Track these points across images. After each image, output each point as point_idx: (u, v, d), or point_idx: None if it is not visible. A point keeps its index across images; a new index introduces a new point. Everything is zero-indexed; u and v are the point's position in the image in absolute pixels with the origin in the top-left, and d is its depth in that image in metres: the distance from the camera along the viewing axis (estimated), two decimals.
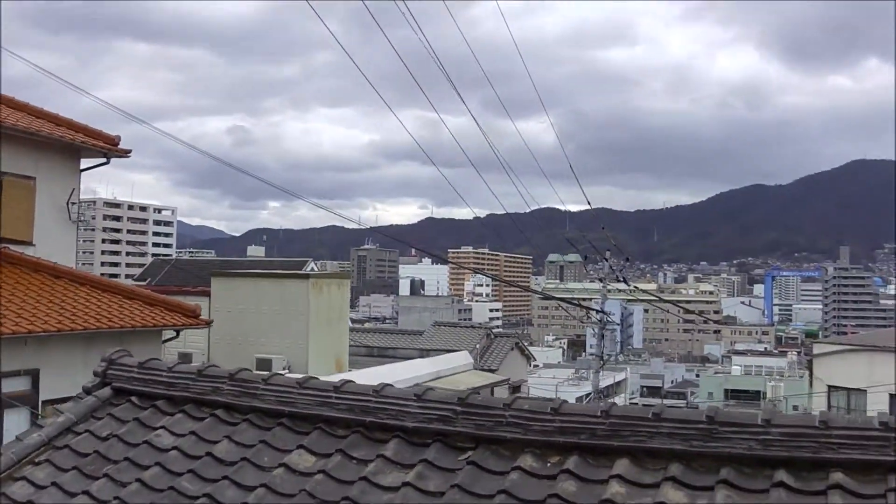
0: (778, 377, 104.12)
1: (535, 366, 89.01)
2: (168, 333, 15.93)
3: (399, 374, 24.04)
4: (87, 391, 6.04)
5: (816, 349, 32.65)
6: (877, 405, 27.23)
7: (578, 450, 4.76)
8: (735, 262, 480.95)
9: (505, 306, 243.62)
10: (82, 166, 18.06)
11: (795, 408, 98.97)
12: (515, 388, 37.73)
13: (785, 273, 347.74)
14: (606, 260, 37.35)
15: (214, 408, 5.67)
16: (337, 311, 22.51)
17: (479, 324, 42.51)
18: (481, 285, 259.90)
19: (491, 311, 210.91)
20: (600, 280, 38.43)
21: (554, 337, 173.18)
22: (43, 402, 13.35)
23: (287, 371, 20.60)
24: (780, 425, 4.62)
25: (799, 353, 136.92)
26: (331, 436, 5.27)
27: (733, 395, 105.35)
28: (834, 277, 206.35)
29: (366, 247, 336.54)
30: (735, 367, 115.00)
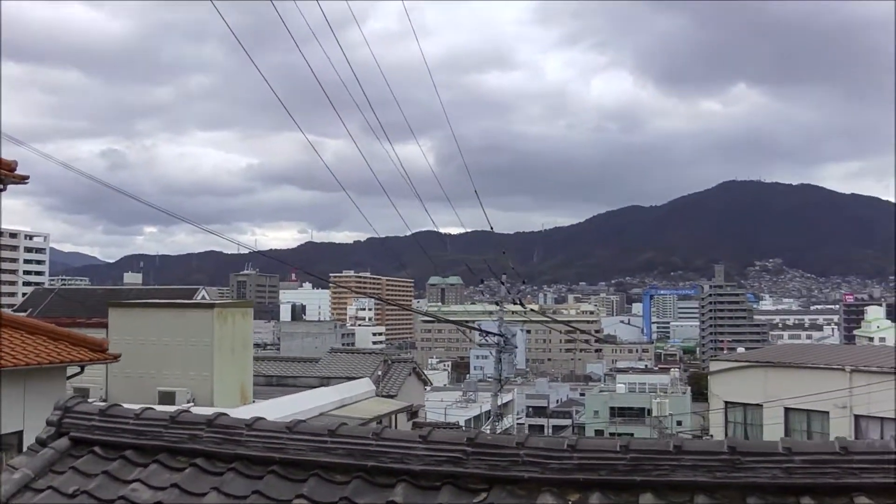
0: (662, 394, 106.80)
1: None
2: (73, 369, 14.93)
3: (305, 403, 23.51)
4: (42, 443, 5.43)
5: (713, 366, 33.56)
6: (772, 419, 28.14)
7: (599, 486, 4.60)
8: (613, 281, 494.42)
9: (388, 330, 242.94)
10: None
11: (679, 423, 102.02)
12: (413, 414, 37.45)
13: (662, 292, 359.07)
14: (503, 283, 37.47)
15: (193, 457, 5.16)
16: (241, 340, 21.75)
17: (379, 350, 42.03)
18: (364, 309, 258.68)
19: (374, 335, 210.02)
20: (496, 304, 38.53)
21: (438, 360, 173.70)
22: None
23: (192, 404, 19.74)
24: (802, 453, 4.64)
25: (680, 369, 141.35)
26: (329, 482, 4.88)
27: (619, 412, 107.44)
28: (710, 295, 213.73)
29: (245, 272, 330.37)
30: (620, 385, 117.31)
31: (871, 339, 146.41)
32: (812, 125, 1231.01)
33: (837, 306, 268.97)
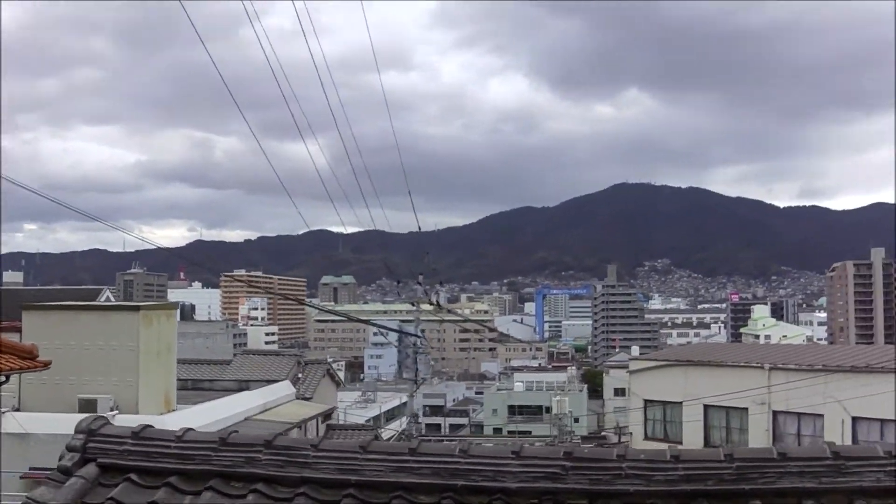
0: (560, 392, 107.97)
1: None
2: None
3: (230, 409, 22.68)
4: (66, 471, 4.77)
5: (632, 365, 33.97)
6: (692, 416, 28.63)
7: (706, 497, 4.48)
8: (506, 281, 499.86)
9: (281, 330, 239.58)
10: None
11: (577, 420, 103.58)
12: (327, 416, 36.73)
13: (555, 291, 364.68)
14: (420, 284, 37.25)
15: (251, 482, 4.62)
16: (165, 344, 20.69)
17: (294, 352, 40.94)
18: (256, 309, 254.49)
19: (267, 334, 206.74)
20: (412, 304, 38.26)
21: (332, 359, 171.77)
22: None
23: (115, 412, 18.69)
24: None
25: (574, 367, 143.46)
26: None
27: (518, 410, 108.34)
28: (602, 294, 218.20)
29: (132, 271, 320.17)
30: (517, 384, 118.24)
31: (756, 336, 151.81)
32: (700, 130, 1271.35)
33: (724, 305, 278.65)
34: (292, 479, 4.61)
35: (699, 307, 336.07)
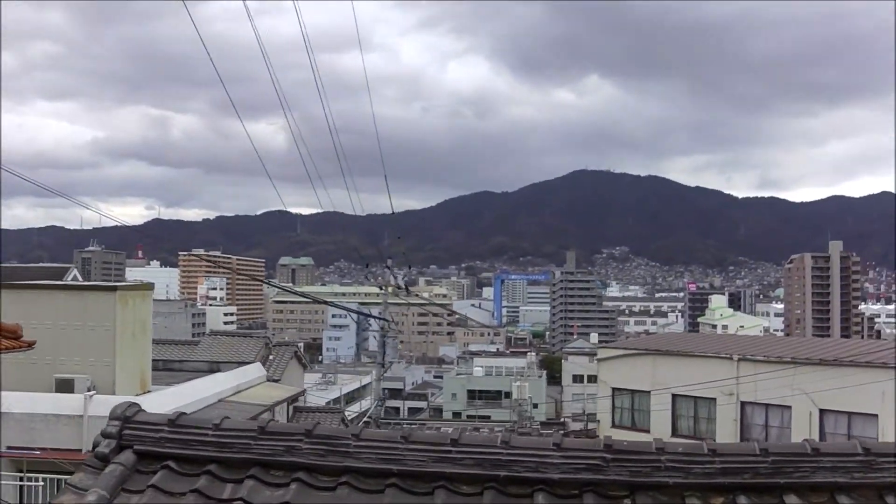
0: (519, 377, 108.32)
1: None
2: None
3: (204, 390, 22.48)
4: (104, 458, 4.74)
5: (601, 353, 34.19)
6: (660, 405, 28.96)
7: (742, 490, 4.58)
8: (464, 265, 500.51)
9: (239, 310, 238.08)
10: None
11: (536, 406, 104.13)
12: (294, 399, 36.59)
13: (513, 277, 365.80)
14: (388, 267, 37.26)
15: (292, 471, 4.64)
16: (141, 324, 20.50)
17: (263, 334, 40.55)
18: (215, 289, 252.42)
19: (225, 314, 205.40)
20: (380, 288, 38.28)
21: (300, 342, 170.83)
22: None
23: (93, 392, 18.49)
24: None
25: (532, 353, 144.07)
26: (457, 494, 4.50)
27: (478, 395, 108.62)
28: (561, 281, 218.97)
29: (90, 249, 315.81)
30: (477, 369, 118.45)
31: (714, 326, 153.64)
32: (661, 118, 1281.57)
33: (681, 294, 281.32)
34: (334, 469, 4.63)
35: (657, 296, 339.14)
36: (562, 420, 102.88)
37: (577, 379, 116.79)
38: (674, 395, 28.43)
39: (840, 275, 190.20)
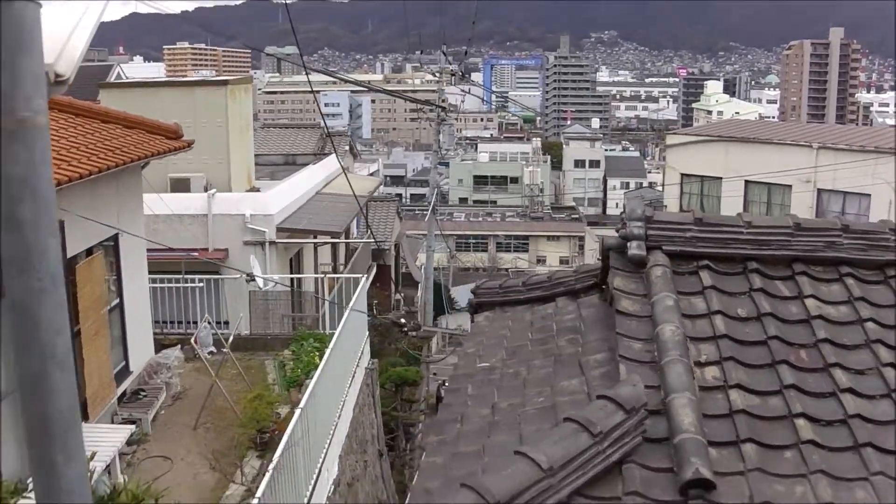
0: (524, 163, 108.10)
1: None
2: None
3: (304, 184, 22.20)
4: (640, 261, 4.74)
5: (670, 140, 33.89)
6: (732, 192, 29.05)
7: None
8: (449, 51, 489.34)
9: None
10: None
11: (542, 190, 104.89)
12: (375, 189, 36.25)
13: (503, 62, 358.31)
14: (444, 53, 36.36)
15: (834, 265, 4.72)
16: (245, 119, 20.18)
17: (316, 124, 39.68)
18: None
19: None
20: (433, 75, 37.59)
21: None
22: (69, 258, 10.48)
23: (213, 190, 18.47)
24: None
25: (525, 139, 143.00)
26: None
27: (485, 181, 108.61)
28: (555, 66, 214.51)
29: None
30: (482, 154, 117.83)
31: (709, 112, 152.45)
32: None
33: (672, 80, 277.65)
34: (876, 263, 4.70)
35: (647, 81, 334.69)
36: (572, 205, 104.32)
37: (579, 164, 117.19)
38: (747, 182, 28.51)
39: (839, 62, 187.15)
